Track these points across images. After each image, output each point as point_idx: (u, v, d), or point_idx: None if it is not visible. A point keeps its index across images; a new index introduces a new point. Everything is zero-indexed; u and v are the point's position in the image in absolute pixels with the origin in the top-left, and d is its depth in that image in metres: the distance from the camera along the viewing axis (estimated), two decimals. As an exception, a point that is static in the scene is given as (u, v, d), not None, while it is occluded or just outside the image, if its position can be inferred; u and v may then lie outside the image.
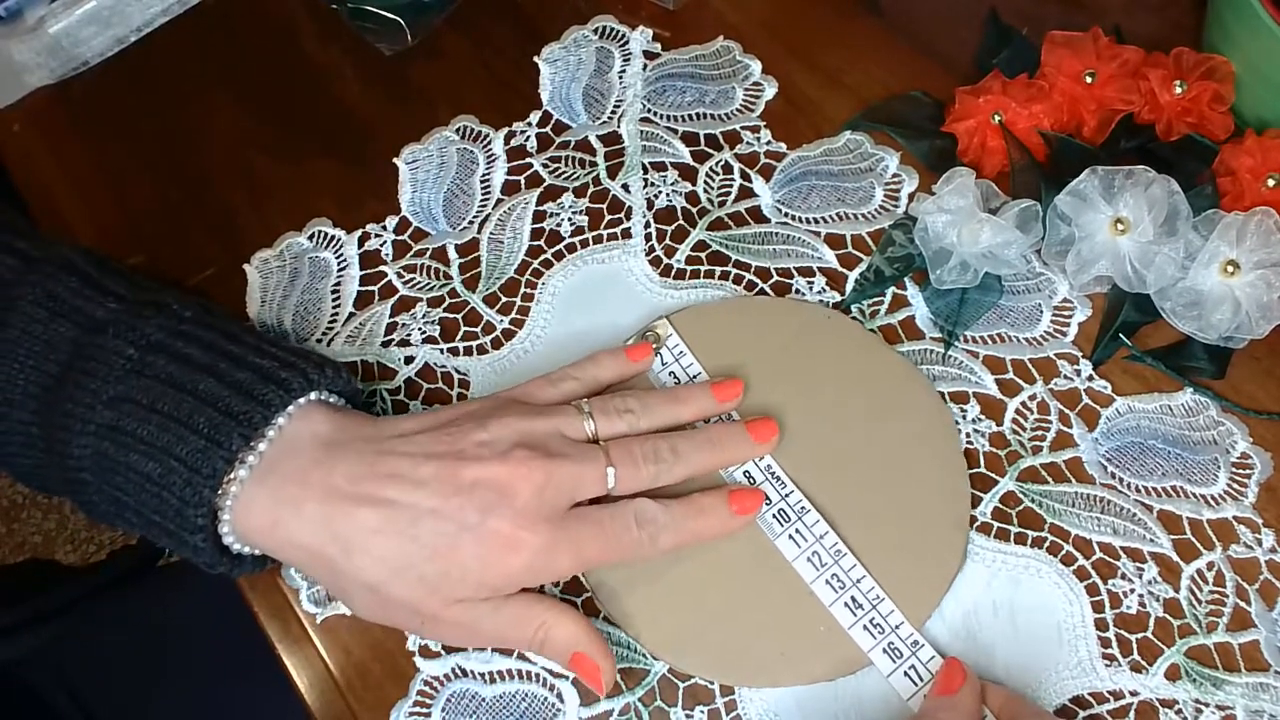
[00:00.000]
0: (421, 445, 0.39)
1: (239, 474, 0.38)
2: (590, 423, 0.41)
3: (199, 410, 0.37)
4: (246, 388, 0.38)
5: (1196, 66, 0.48)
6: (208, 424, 0.37)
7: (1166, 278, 0.45)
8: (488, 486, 0.37)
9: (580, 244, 0.50)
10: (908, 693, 0.40)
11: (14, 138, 0.56)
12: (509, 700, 0.41)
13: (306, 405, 0.40)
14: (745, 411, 0.45)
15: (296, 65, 0.57)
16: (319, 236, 0.51)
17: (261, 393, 0.38)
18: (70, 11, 0.55)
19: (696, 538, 0.41)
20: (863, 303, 0.48)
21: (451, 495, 0.37)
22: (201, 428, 0.37)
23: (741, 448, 0.43)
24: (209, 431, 0.37)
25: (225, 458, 0.37)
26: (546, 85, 0.54)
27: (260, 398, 0.38)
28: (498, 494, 0.37)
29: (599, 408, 0.41)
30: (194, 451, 0.37)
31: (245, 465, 0.38)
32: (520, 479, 0.37)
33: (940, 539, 0.42)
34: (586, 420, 0.41)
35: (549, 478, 0.38)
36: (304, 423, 0.39)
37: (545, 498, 0.38)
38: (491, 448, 0.38)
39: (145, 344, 0.39)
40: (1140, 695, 0.40)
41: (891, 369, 0.46)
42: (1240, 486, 0.43)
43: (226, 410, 0.38)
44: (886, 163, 0.51)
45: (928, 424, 0.44)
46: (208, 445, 0.37)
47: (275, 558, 0.40)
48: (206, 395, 0.38)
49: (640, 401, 0.42)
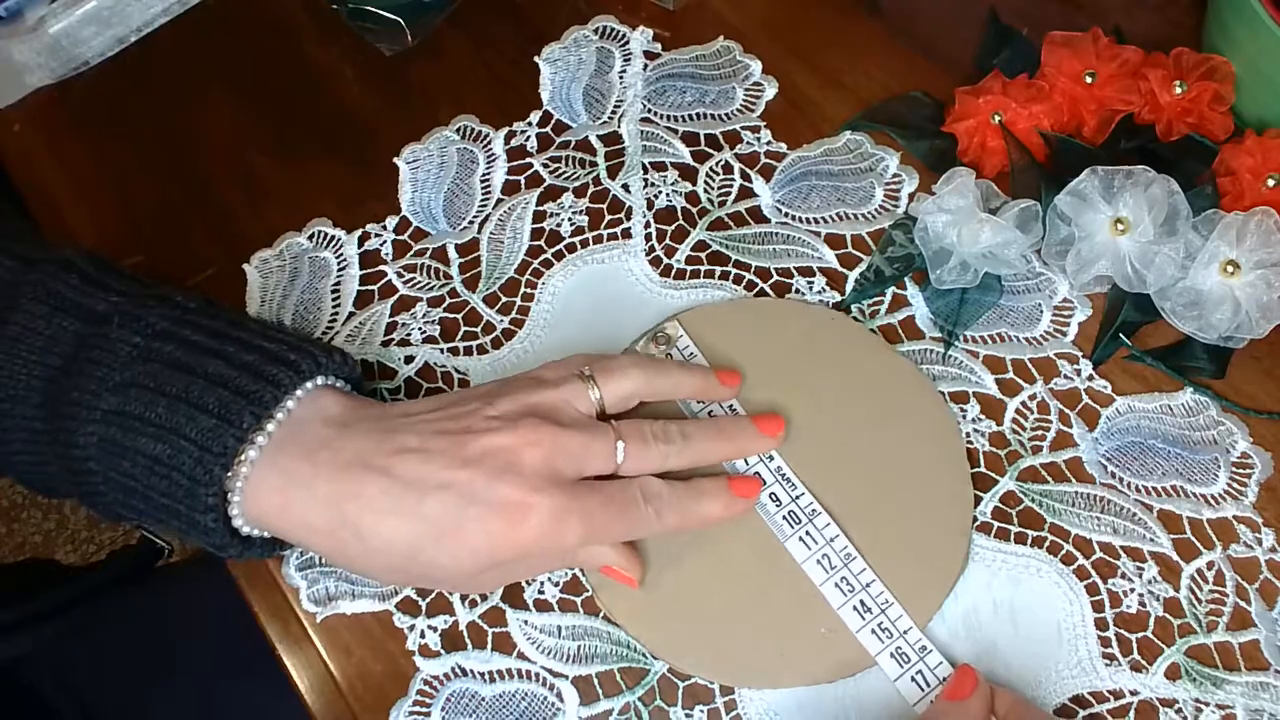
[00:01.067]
0: (431, 423, 0.39)
1: (249, 454, 0.38)
2: (595, 391, 0.41)
3: (209, 390, 0.37)
4: (255, 368, 0.38)
5: (1196, 66, 0.48)
6: (218, 403, 0.37)
7: (1166, 278, 0.45)
8: (496, 455, 0.37)
9: (580, 244, 0.50)
10: (914, 698, 0.40)
11: (14, 138, 0.56)
12: (509, 700, 0.41)
13: (316, 389, 0.40)
14: (751, 411, 0.45)
15: (296, 65, 0.57)
16: (319, 236, 0.51)
17: (271, 373, 0.38)
18: (70, 11, 0.55)
19: (700, 519, 0.41)
20: (863, 303, 0.48)
21: (460, 467, 0.37)
22: (212, 407, 0.37)
23: (749, 440, 0.43)
24: (219, 410, 0.37)
25: (236, 435, 0.37)
26: (547, 85, 0.54)
27: (270, 377, 0.38)
28: (506, 461, 0.37)
29: (600, 370, 0.41)
30: (204, 431, 0.37)
31: (255, 445, 0.38)
32: (529, 445, 0.38)
33: (943, 542, 0.42)
34: (591, 388, 0.41)
35: (557, 445, 0.38)
36: (312, 405, 0.39)
37: (554, 465, 0.38)
38: (500, 420, 0.38)
39: (150, 331, 0.39)
40: (1140, 694, 0.40)
41: (898, 373, 0.46)
42: (1240, 486, 0.43)
43: (237, 389, 0.38)
44: (886, 163, 0.51)
45: (933, 429, 0.44)
46: (218, 424, 0.37)
47: (286, 540, 0.40)
48: (216, 377, 0.38)
49: (643, 371, 0.42)
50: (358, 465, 0.37)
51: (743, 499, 0.42)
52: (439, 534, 0.37)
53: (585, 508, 0.38)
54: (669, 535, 0.42)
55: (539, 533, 0.37)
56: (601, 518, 0.38)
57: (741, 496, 0.42)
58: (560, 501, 0.37)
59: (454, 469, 0.37)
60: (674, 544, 0.42)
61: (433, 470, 0.37)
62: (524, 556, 0.38)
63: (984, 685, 0.39)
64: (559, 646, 0.42)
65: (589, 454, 0.39)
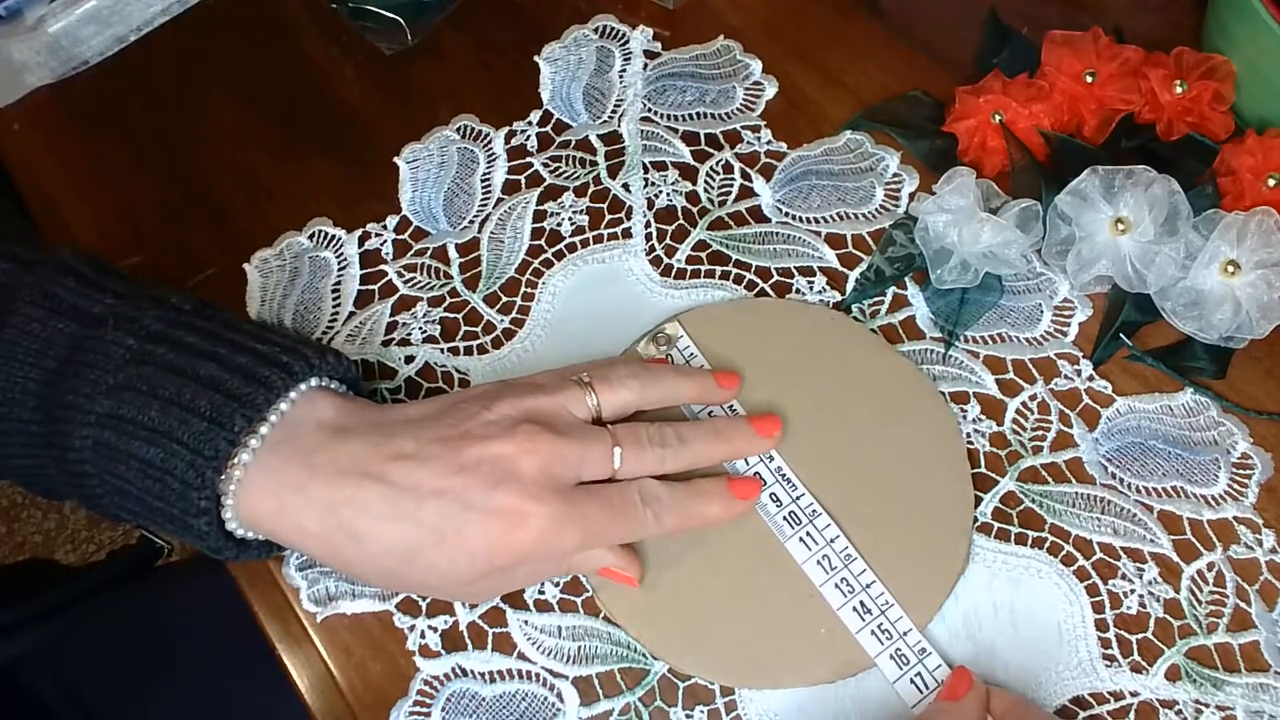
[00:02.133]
0: (427, 428, 0.39)
1: (242, 457, 0.37)
2: (593, 398, 0.41)
3: (200, 394, 0.37)
4: (248, 371, 0.38)
5: (1197, 66, 0.48)
6: (209, 406, 0.37)
7: (1167, 278, 0.45)
8: (493, 463, 0.37)
9: (580, 244, 0.50)
10: (913, 699, 0.40)
11: (14, 138, 0.55)
12: (509, 700, 0.41)
13: (310, 392, 0.40)
14: (751, 411, 0.45)
15: (296, 65, 0.57)
16: (319, 236, 0.51)
17: (264, 375, 0.38)
18: (70, 11, 0.55)
19: (699, 520, 0.41)
20: (863, 302, 0.48)
21: (456, 474, 0.37)
22: (203, 410, 0.37)
23: (746, 440, 0.43)
24: (210, 413, 0.37)
25: (228, 439, 0.37)
26: (547, 85, 0.54)
27: (263, 380, 0.38)
28: (503, 469, 0.37)
29: (599, 379, 0.41)
30: (196, 434, 0.37)
31: (248, 448, 0.38)
32: (526, 453, 0.37)
33: (943, 542, 0.42)
34: (589, 395, 0.40)
35: (555, 452, 0.38)
36: (308, 408, 0.39)
37: (551, 472, 0.38)
38: (497, 425, 0.38)
39: (144, 334, 0.39)
40: (1140, 696, 0.40)
41: (898, 373, 0.46)
42: (1241, 487, 0.43)
43: (228, 392, 0.37)
44: (887, 162, 0.51)
45: (933, 430, 0.44)
46: (210, 427, 0.37)
47: (281, 544, 0.40)
48: (208, 379, 0.38)
49: (640, 380, 0.42)
50: (354, 471, 0.37)
51: (742, 500, 0.42)
52: (438, 538, 0.37)
53: (583, 513, 0.38)
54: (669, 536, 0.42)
55: (536, 538, 0.37)
56: (600, 522, 0.38)
57: (741, 498, 0.42)
58: (558, 508, 0.37)
59: (450, 475, 0.37)
60: (674, 544, 0.42)
61: (429, 476, 0.37)
62: (521, 562, 0.38)
63: (979, 686, 0.39)
64: (559, 647, 0.42)
65: (585, 460, 0.39)
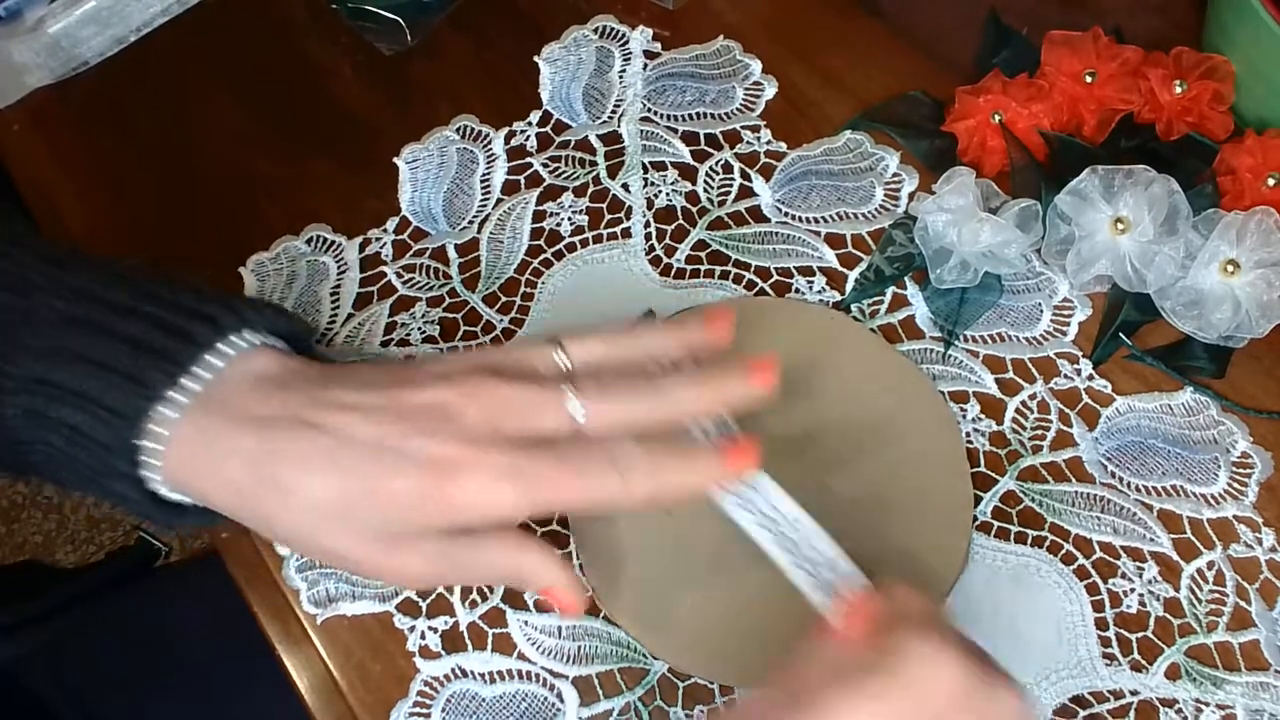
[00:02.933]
0: (371, 378, 0.36)
1: (167, 413, 0.34)
2: (560, 353, 0.36)
3: (124, 353, 0.35)
4: (171, 325, 0.35)
5: (1196, 66, 0.48)
6: (131, 364, 0.35)
7: (1166, 277, 0.45)
8: (432, 409, 0.34)
9: (580, 244, 0.50)
10: None
11: (14, 138, 0.55)
12: (509, 700, 0.41)
13: (252, 350, 0.36)
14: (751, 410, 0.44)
15: (296, 65, 0.57)
16: (317, 241, 0.51)
17: (186, 328, 0.35)
18: (70, 11, 0.55)
19: (680, 488, 0.35)
20: (863, 302, 0.48)
21: (394, 421, 0.34)
22: (124, 368, 0.34)
23: (736, 384, 0.36)
24: (131, 371, 0.34)
25: (146, 395, 0.34)
26: (546, 85, 0.54)
27: (183, 333, 0.35)
28: (443, 416, 0.34)
29: (566, 334, 0.37)
30: (115, 393, 0.34)
31: (173, 404, 0.35)
32: (468, 398, 0.34)
33: (943, 541, 0.42)
34: (555, 350, 0.36)
35: (500, 399, 0.34)
36: (245, 364, 0.36)
37: (496, 422, 0.34)
38: (444, 377, 0.35)
39: (74, 295, 0.36)
40: (1140, 694, 0.40)
41: (898, 373, 0.46)
42: (1240, 486, 0.43)
43: (149, 348, 0.35)
44: (886, 162, 0.51)
45: (933, 429, 0.44)
46: (129, 384, 0.34)
47: (209, 505, 0.36)
48: (132, 338, 0.35)
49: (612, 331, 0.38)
50: (286, 420, 0.34)
51: (733, 469, 0.36)
52: (365, 490, 0.33)
53: (531, 471, 0.33)
54: (667, 533, 0.42)
55: (471, 496, 0.33)
56: (549, 481, 0.34)
57: (734, 464, 0.35)
58: (498, 460, 0.33)
59: (385, 423, 0.34)
60: (673, 544, 0.42)
61: (361, 424, 0.34)
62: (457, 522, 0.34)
63: None
64: (559, 647, 0.42)
65: (536, 409, 0.34)
